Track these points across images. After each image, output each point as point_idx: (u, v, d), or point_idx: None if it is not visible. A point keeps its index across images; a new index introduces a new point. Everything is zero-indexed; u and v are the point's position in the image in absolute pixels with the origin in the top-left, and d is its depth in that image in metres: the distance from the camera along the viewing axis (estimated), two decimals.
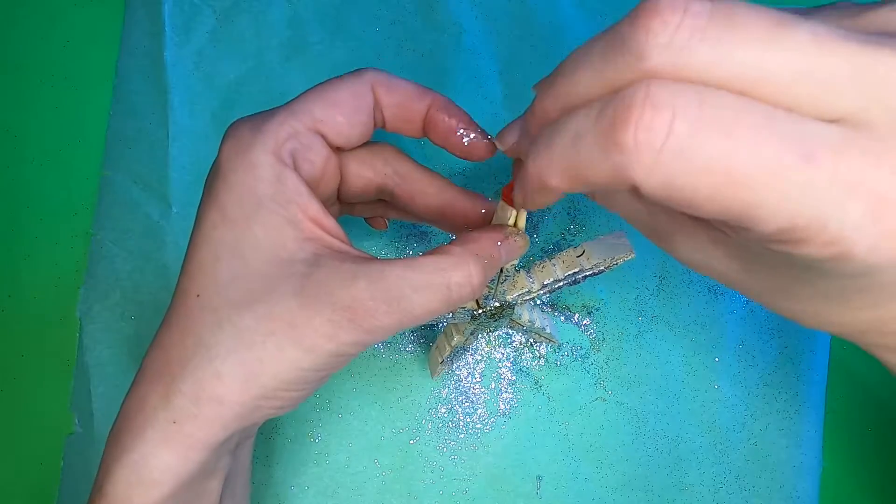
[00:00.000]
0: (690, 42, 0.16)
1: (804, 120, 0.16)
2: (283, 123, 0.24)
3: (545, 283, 0.30)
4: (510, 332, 0.38)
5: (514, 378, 0.37)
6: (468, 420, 0.37)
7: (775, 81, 0.16)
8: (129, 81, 0.39)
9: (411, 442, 0.37)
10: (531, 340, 0.38)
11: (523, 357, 0.38)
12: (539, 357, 0.38)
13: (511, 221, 0.26)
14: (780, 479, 0.37)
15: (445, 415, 0.37)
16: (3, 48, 0.40)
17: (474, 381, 0.37)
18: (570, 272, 0.30)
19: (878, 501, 0.38)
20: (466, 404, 0.37)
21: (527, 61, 0.40)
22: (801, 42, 0.16)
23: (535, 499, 0.37)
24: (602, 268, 0.30)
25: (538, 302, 0.38)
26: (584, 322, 0.38)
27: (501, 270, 0.29)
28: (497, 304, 0.30)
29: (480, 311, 0.30)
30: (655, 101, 0.15)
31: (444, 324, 0.35)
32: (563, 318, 0.38)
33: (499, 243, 0.26)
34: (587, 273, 0.30)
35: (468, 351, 0.37)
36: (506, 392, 0.37)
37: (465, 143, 0.26)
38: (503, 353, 0.38)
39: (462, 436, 0.37)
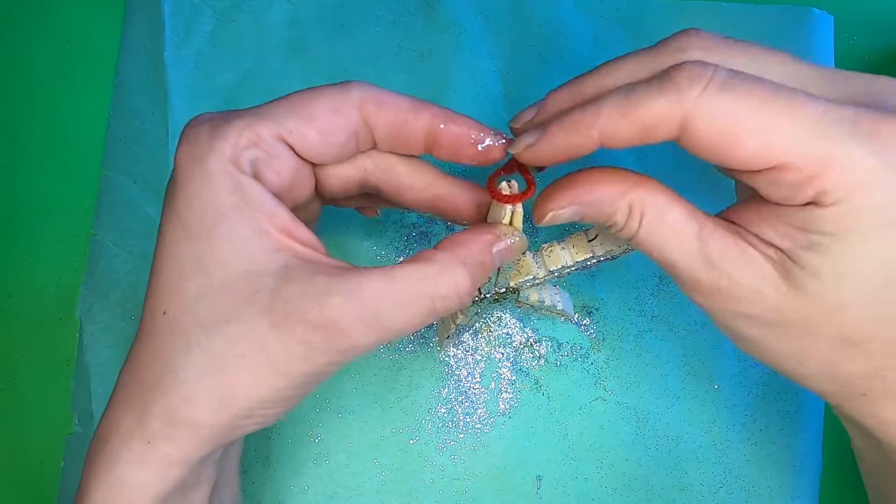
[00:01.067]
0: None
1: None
2: (245, 129, 0.22)
3: (552, 269, 0.28)
4: (510, 332, 0.38)
5: (514, 378, 0.37)
6: (468, 420, 0.37)
7: None
8: (129, 81, 0.39)
9: (411, 442, 0.37)
10: (531, 341, 0.38)
11: (523, 357, 0.38)
12: (539, 357, 0.38)
13: (506, 220, 0.24)
14: (780, 479, 0.37)
15: (445, 415, 0.37)
16: (3, 48, 0.40)
17: (474, 381, 0.37)
18: (580, 259, 0.28)
19: None
20: (466, 404, 0.37)
21: (527, 61, 0.40)
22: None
23: (535, 499, 0.37)
24: (616, 254, 0.28)
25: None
26: (584, 322, 0.38)
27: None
28: (501, 291, 0.29)
29: (482, 298, 0.29)
30: (701, 59, 0.21)
31: None
32: (562, 318, 0.38)
33: (491, 247, 0.24)
34: (600, 259, 0.28)
35: (469, 352, 0.37)
36: (506, 392, 0.37)
37: (480, 150, 0.24)
38: (503, 353, 0.38)
39: (462, 436, 0.37)
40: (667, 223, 0.23)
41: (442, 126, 0.24)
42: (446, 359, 0.37)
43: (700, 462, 0.37)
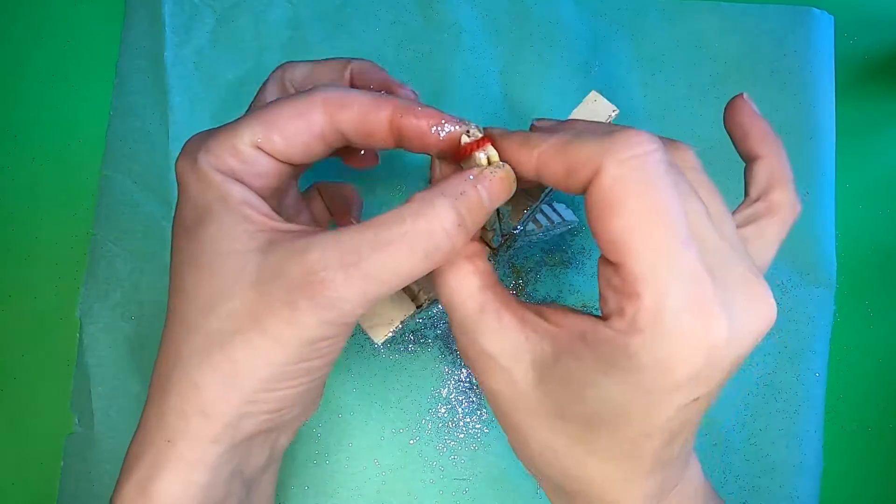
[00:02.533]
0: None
1: None
2: (225, 142, 0.23)
3: (547, 188, 0.27)
4: None
5: None
6: (468, 420, 0.37)
7: None
8: (129, 81, 0.39)
9: (411, 442, 0.37)
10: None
11: None
12: None
13: (483, 162, 0.23)
14: (780, 479, 0.37)
15: (445, 415, 0.37)
16: (3, 48, 0.40)
17: (474, 380, 0.37)
18: None
19: (878, 501, 0.38)
20: (466, 404, 0.37)
21: (527, 61, 0.40)
22: None
23: (536, 499, 0.37)
24: None
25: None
26: None
27: (498, 212, 0.26)
28: (507, 236, 0.29)
29: (494, 251, 0.29)
30: (658, 140, 0.20)
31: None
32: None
33: (471, 177, 0.22)
34: None
35: None
36: None
37: (442, 138, 0.23)
38: None
39: (462, 436, 0.37)
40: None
41: (403, 119, 0.24)
42: (446, 359, 0.37)
43: (700, 462, 0.37)
